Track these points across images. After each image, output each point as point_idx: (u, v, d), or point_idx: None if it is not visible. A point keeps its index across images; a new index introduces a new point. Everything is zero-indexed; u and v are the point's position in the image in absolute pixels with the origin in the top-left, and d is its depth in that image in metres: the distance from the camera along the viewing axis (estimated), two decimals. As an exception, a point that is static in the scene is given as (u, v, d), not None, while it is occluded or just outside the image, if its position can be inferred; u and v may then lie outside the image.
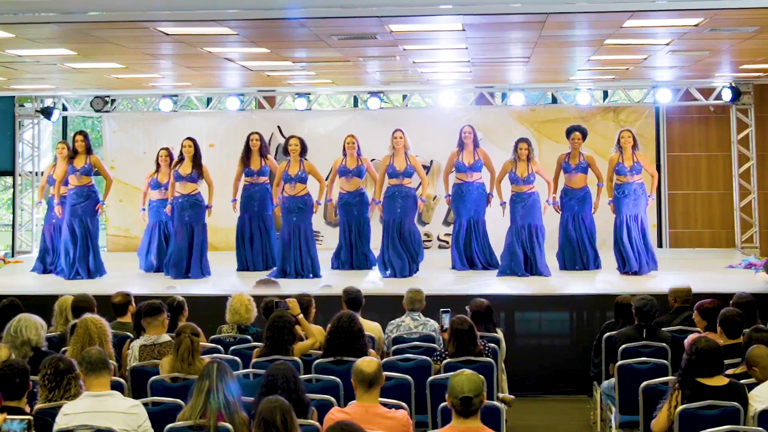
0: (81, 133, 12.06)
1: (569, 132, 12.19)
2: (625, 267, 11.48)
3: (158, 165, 12.61)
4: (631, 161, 11.58)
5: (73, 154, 11.83)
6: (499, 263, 11.82)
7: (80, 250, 11.67)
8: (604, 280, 11.27)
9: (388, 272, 11.59)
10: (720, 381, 5.71)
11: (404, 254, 11.61)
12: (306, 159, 11.93)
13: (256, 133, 12.60)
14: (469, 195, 12.15)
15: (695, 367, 5.71)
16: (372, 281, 11.30)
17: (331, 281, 11.15)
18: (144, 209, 12.82)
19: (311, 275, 11.64)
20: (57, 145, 12.89)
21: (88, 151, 11.82)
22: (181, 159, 11.88)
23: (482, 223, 12.23)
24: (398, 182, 11.77)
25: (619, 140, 11.66)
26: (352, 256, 12.23)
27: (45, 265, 12.72)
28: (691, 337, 7.40)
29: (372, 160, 12.46)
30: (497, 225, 12.31)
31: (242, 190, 12.51)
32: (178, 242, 11.73)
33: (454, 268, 12.15)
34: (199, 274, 11.69)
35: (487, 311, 7.80)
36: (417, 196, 11.93)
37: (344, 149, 12.19)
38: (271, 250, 12.41)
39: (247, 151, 12.43)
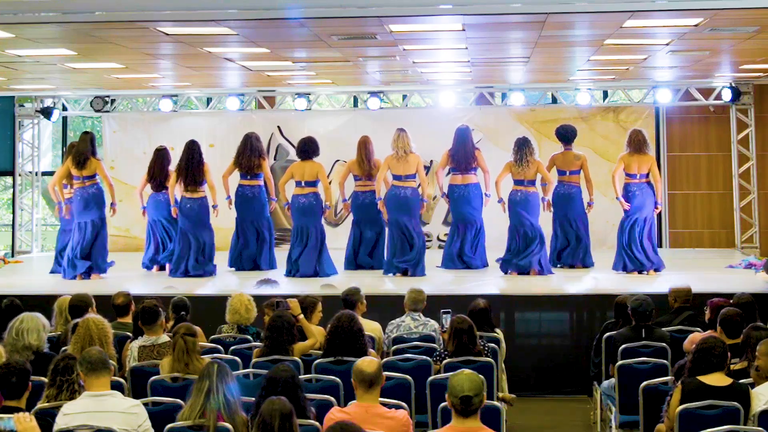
0: (87, 133, 12.08)
1: (573, 136, 12.34)
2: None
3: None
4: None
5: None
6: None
7: (87, 249, 11.74)
8: (604, 279, 11.27)
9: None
10: (723, 381, 5.71)
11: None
12: (315, 160, 12.01)
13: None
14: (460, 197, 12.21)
15: (697, 364, 5.73)
16: (371, 282, 11.29)
17: (335, 281, 11.16)
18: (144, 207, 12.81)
19: (319, 275, 11.71)
20: (68, 161, 12.67)
21: (93, 154, 11.84)
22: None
23: (474, 224, 12.21)
24: (400, 183, 11.85)
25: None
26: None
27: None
28: (691, 336, 7.44)
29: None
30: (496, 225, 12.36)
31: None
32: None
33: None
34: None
35: (481, 312, 7.75)
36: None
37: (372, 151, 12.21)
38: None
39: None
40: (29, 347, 6.64)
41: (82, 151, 11.70)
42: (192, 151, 11.90)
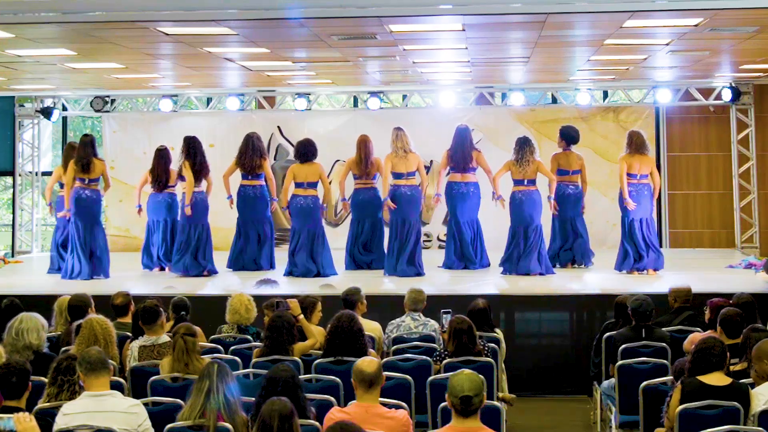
0: (87, 136, 12.08)
1: (578, 138, 12.37)
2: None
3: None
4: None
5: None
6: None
7: (87, 251, 11.70)
8: (604, 279, 11.27)
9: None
10: (723, 381, 5.72)
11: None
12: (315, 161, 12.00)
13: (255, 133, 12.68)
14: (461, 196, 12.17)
15: (696, 364, 5.75)
16: (371, 282, 11.28)
17: (334, 281, 11.16)
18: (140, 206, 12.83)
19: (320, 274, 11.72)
20: (66, 148, 12.79)
21: (94, 155, 11.87)
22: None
23: (472, 223, 12.20)
24: (405, 182, 11.82)
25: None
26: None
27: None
28: (691, 336, 7.44)
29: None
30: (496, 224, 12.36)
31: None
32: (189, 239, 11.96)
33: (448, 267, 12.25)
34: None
35: (481, 312, 7.75)
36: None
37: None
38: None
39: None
40: (30, 347, 6.64)
41: (83, 155, 11.70)
42: (200, 146, 12.01)
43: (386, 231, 12.23)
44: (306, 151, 12.02)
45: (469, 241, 12.09)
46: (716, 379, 5.71)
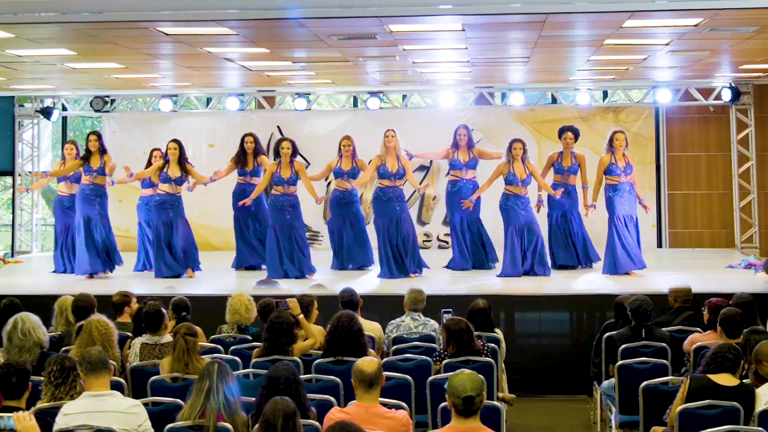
0: (94, 133, 12.29)
1: (561, 132, 12.23)
2: (615, 269, 11.41)
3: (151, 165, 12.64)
4: (623, 162, 11.54)
5: (87, 154, 11.92)
6: (498, 262, 11.90)
7: (96, 246, 11.81)
8: (604, 280, 11.27)
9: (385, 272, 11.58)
10: (731, 381, 5.77)
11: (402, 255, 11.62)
12: (296, 160, 11.94)
13: (251, 134, 12.62)
14: (465, 193, 12.13)
15: (709, 364, 5.83)
16: (367, 282, 11.27)
17: (325, 280, 11.16)
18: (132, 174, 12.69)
19: (306, 273, 11.63)
20: (66, 145, 12.90)
21: (103, 151, 11.94)
22: (167, 161, 11.90)
23: (476, 221, 12.19)
24: (390, 184, 11.76)
25: (612, 141, 11.59)
26: (344, 254, 12.27)
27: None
28: (691, 336, 7.43)
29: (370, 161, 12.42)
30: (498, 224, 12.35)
31: (235, 190, 12.56)
32: (160, 241, 11.80)
33: (452, 267, 12.18)
34: (196, 267, 11.76)
35: (480, 312, 7.75)
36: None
37: (339, 150, 12.17)
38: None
39: (242, 153, 12.47)
40: (39, 343, 6.67)
41: (93, 139, 11.94)
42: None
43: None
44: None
45: (472, 241, 12.13)
46: (725, 379, 5.77)
